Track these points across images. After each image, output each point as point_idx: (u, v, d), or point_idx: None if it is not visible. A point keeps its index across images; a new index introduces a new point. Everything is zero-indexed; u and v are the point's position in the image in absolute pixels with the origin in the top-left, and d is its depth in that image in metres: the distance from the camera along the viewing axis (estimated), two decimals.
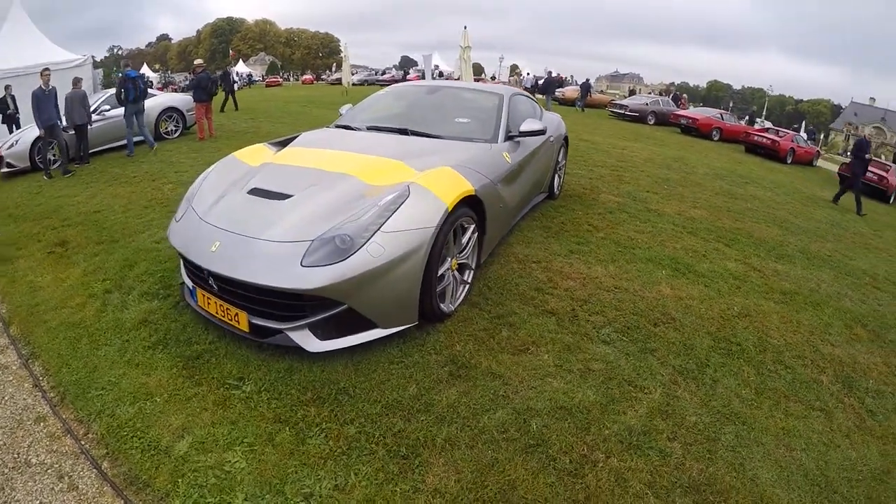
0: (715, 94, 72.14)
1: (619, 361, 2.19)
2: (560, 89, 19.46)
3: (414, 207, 1.94)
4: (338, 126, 3.29)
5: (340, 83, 24.97)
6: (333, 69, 43.72)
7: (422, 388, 1.82)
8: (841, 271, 4.11)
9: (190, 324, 2.27)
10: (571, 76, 27.26)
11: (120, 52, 64.63)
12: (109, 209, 4.13)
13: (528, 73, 24.60)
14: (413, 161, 2.34)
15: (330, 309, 1.82)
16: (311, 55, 61.63)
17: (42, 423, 1.74)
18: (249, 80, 31.82)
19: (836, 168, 12.91)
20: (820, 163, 15.71)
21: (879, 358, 2.66)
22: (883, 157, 20.39)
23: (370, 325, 1.90)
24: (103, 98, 7.01)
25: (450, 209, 2.00)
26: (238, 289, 1.89)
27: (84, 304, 2.51)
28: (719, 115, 15.26)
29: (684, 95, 25.26)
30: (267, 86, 31.19)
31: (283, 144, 2.97)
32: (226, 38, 61.10)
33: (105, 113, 6.72)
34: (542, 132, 3.03)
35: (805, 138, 16.34)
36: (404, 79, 30.83)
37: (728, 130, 14.70)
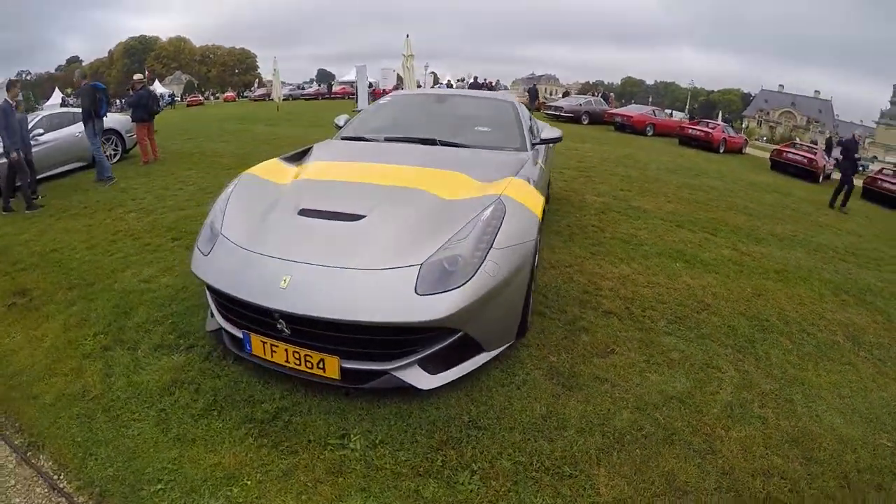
0: (630, 90, 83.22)
1: (689, 349, 2.69)
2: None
3: (514, 221, 2.09)
4: (346, 138, 3.41)
5: (264, 99, 28.91)
6: (256, 85, 47.71)
7: (547, 406, 2.03)
8: (809, 248, 5.25)
9: (242, 378, 2.16)
10: (497, 81, 29.85)
11: (29, 77, 65.95)
12: (68, 247, 3.83)
13: (448, 80, 26.72)
14: (471, 171, 2.53)
15: (445, 339, 1.86)
16: (227, 72, 65.78)
17: None
18: (171, 100, 32.67)
19: (767, 154, 15.86)
20: (748, 150, 19.06)
21: (868, 317, 3.56)
22: (797, 139, 25.27)
23: (477, 351, 1.99)
24: (35, 121, 6.71)
25: (540, 220, 2.33)
26: (324, 330, 1.80)
27: (80, 367, 2.29)
28: (652, 112, 17.92)
29: (611, 94, 29.04)
30: (188, 105, 32.25)
31: (297, 159, 3.06)
32: (139, 57, 63.88)
33: (39, 139, 6.47)
34: (559, 139, 3.54)
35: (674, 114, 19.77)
36: (329, 92, 32.72)
37: (660, 126, 17.33)
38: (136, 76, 8.15)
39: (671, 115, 23.83)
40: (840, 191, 9.04)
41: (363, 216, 2.10)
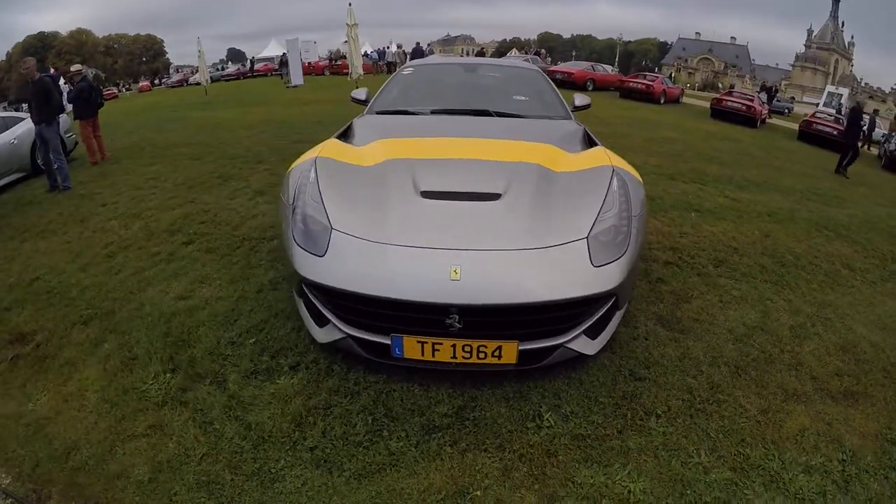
0: (547, 44, 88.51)
1: (742, 287, 3.51)
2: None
3: (633, 189, 2.53)
4: (384, 112, 3.60)
5: (181, 85, 31.93)
6: (172, 72, 54.39)
7: (676, 349, 2.60)
8: (781, 191, 6.58)
9: (390, 388, 2.21)
10: (429, 45, 30.74)
11: None
12: (54, 271, 3.51)
13: (388, 45, 27.47)
14: (554, 142, 2.92)
15: (605, 304, 2.15)
16: (135, 61, 70.77)
17: None
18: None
19: (699, 102, 18.26)
20: (685, 99, 21.71)
21: (850, 248, 4.76)
22: (720, 86, 29.11)
23: (615, 310, 2.27)
24: None
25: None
26: (501, 317, 1.97)
27: (161, 422, 2.05)
28: (591, 67, 19.92)
29: (542, 50, 31.16)
30: (105, 99, 29.04)
31: (350, 137, 3.22)
32: (40, 55, 66.37)
33: None
34: (589, 106, 4.11)
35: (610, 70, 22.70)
36: (251, 70, 34.82)
37: (600, 80, 19.30)
38: (74, 66, 8.11)
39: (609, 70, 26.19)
40: (846, 156, 10.17)
41: (499, 194, 2.31)
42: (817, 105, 35.79)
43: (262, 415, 2.07)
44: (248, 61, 40.17)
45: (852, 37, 73.38)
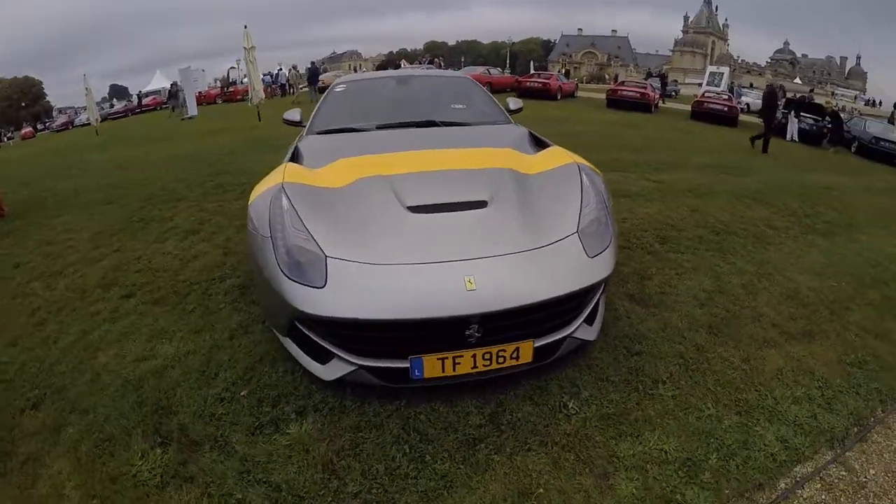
0: (434, 53, 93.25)
1: (690, 258, 4.00)
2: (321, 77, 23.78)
3: (598, 182, 2.83)
4: (328, 132, 3.59)
5: (67, 128, 31.25)
6: (56, 115, 52.80)
7: (657, 322, 2.96)
8: (694, 169, 7.48)
9: (413, 414, 2.21)
10: (322, 63, 31.47)
11: None
12: None
13: (279, 68, 27.32)
14: (510, 146, 3.17)
15: (598, 291, 2.40)
16: (13, 107, 67.48)
17: None
18: None
19: (593, 95, 20.02)
20: (579, 93, 23.67)
21: (769, 211, 5.57)
22: (607, 77, 32.03)
23: (598, 292, 2.51)
24: None
25: None
26: (516, 318, 2.08)
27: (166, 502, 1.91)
28: (487, 71, 21.36)
29: (437, 58, 33.75)
30: None
31: (299, 160, 3.19)
32: None
33: None
34: (521, 109, 4.49)
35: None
36: (140, 106, 34.34)
37: (497, 83, 20.67)
38: None
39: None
40: (762, 136, 11.52)
41: (485, 201, 2.46)
42: (700, 85, 40.58)
43: (287, 471, 1.96)
44: (136, 96, 39.26)
45: (726, 19, 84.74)
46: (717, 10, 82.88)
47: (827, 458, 2.06)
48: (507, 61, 48.05)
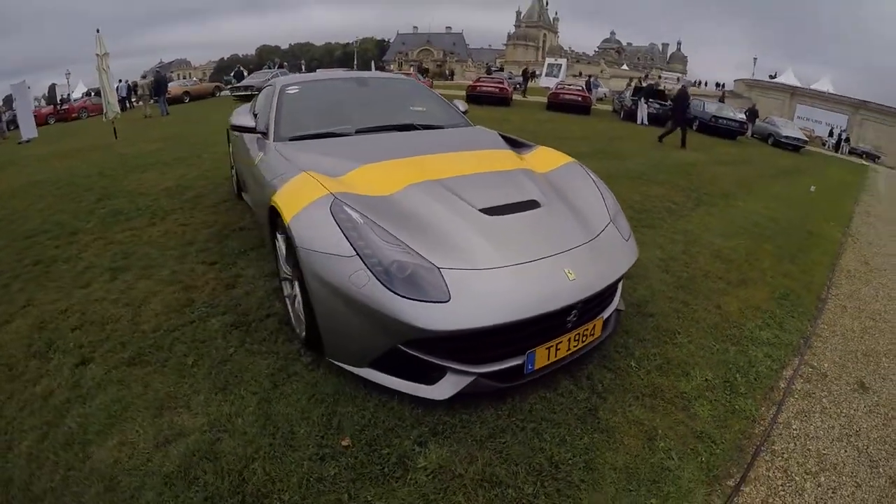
0: (266, 57, 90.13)
1: (643, 234, 4.98)
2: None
3: (598, 178, 3.34)
4: (302, 137, 3.41)
5: None
6: None
7: (652, 288, 3.82)
8: (581, 156, 8.70)
9: (534, 401, 2.35)
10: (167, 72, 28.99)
11: None
12: None
13: (119, 80, 24.48)
14: (502, 148, 3.54)
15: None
16: None
17: None
18: None
19: (452, 91, 21.38)
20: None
21: (662, 189, 6.84)
22: (447, 72, 33.96)
23: None
24: None
25: None
26: (600, 298, 2.43)
27: None
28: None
29: (285, 63, 33.31)
30: None
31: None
32: None
33: None
34: (467, 111, 5.07)
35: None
36: None
37: None
38: None
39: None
40: (671, 131, 13.10)
41: (536, 201, 2.71)
42: (539, 75, 44.85)
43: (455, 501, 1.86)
44: None
45: (556, 13, 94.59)
46: (547, 4, 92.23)
47: (796, 362, 2.99)
48: (355, 63, 48.52)
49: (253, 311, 3.09)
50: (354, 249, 2.16)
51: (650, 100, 19.18)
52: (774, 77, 52.20)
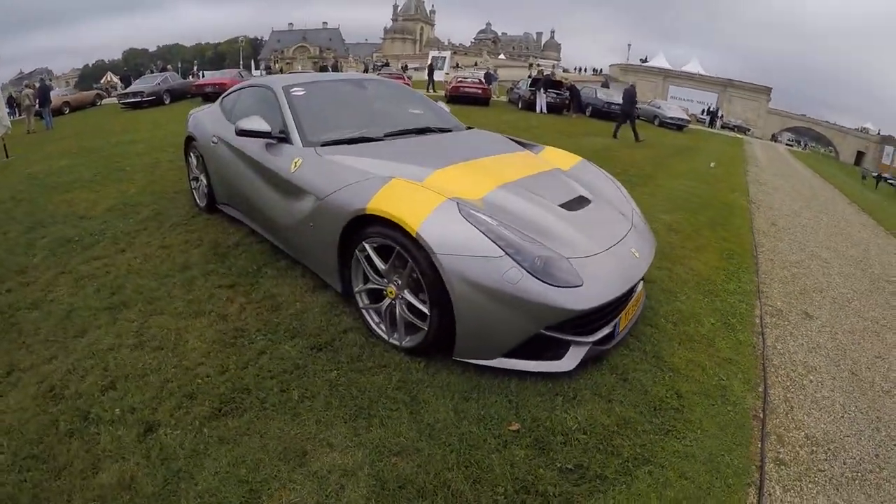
0: (134, 61, 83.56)
1: None
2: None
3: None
4: (342, 141, 3.45)
5: None
6: None
7: None
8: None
9: (614, 356, 2.80)
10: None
11: None
12: None
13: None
14: (518, 150, 3.89)
15: None
16: None
17: None
18: None
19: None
20: None
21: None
22: (329, 68, 34.14)
23: None
24: None
25: None
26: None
27: None
28: (239, 74, 21.44)
29: (168, 66, 32.34)
30: None
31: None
32: None
33: None
34: None
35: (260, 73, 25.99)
36: None
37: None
38: None
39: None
40: (621, 125, 14.69)
41: (587, 197, 3.22)
42: (425, 69, 45.65)
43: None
44: None
45: (433, 5, 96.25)
46: None
47: (759, 304, 4.00)
48: (241, 63, 46.59)
49: (324, 330, 2.96)
50: (502, 249, 2.34)
51: (548, 89, 20.72)
52: (646, 61, 57.70)
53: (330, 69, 32.36)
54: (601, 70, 59.67)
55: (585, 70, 66.51)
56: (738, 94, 51.43)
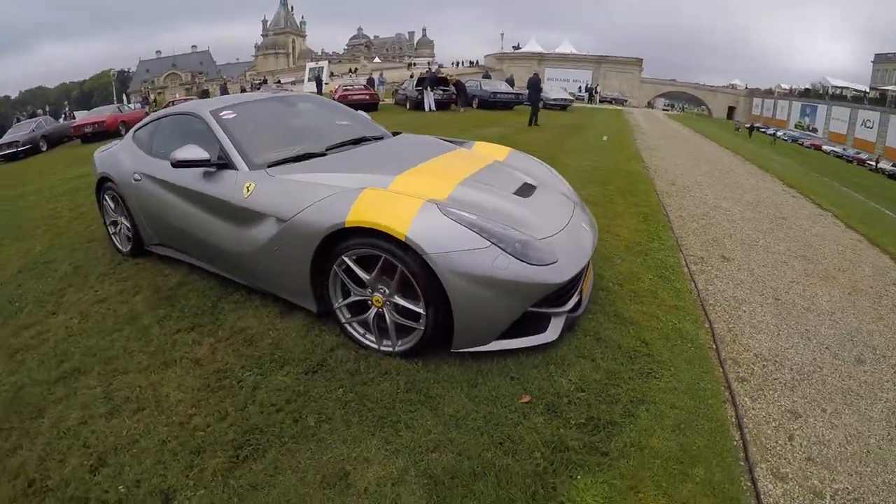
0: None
1: None
2: None
3: None
4: (282, 162, 3.41)
5: None
6: None
7: None
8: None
9: (586, 321, 3.09)
10: None
11: None
12: None
13: None
14: (458, 146, 4.10)
15: None
16: None
17: None
18: None
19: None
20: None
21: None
22: (208, 91, 32.92)
23: None
24: None
25: None
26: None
27: None
28: (118, 109, 19.87)
29: (38, 111, 30.53)
30: None
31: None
32: None
33: None
34: None
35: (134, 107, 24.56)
36: None
37: (130, 120, 19.79)
38: None
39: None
40: (535, 113, 15.67)
41: (533, 184, 3.41)
42: (303, 82, 45.05)
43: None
44: None
45: (303, 16, 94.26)
46: (293, 9, 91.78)
47: (682, 255, 4.52)
48: (115, 96, 43.43)
49: (311, 352, 2.89)
50: (486, 240, 2.51)
51: (435, 87, 21.14)
52: (518, 48, 60.45)
53: (220, 92, 30.88)
54: (478, 62, 61.73)
55: (463, 63, 68.53)
56: (612, 68, 55.39)
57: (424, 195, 2.76)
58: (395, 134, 4.51)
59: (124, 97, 41.93)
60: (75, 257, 4.95)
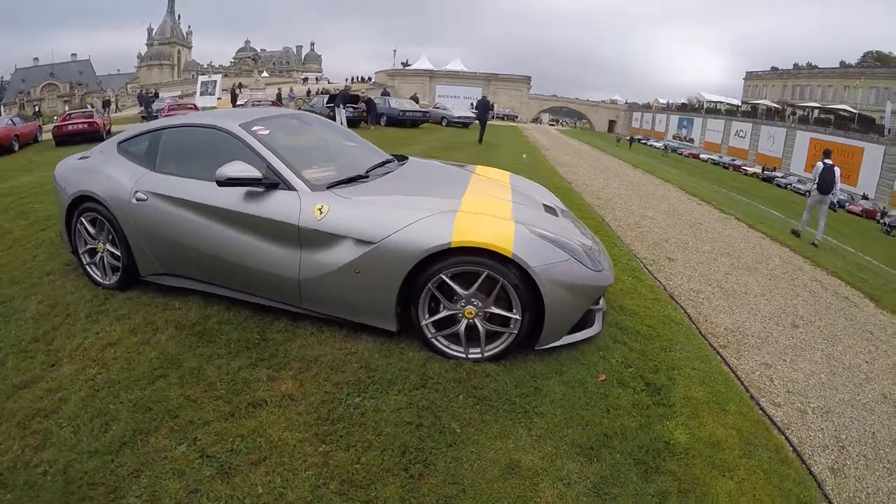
0: None
1: None
2: None
3: None
4: (338, 183, 3.41)
5: None
6: None
7: None
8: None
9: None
10: None
11: None
12: None
13: None
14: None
15: None
16: None
17: None
18: None
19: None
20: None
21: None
22: (90, 106, 29.78)
23: None
24: None
25: None
26: None
27: None
28: (11, 122, 18.79)
29: None
30: None
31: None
32: None
33: None
34: None
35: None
36: None
37: (24, 134, 18.62)
38: None
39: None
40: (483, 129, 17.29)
41: (551, 205, 3.88)
42: (193, 95, 42.39)
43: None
44: None
45: (189, 26, 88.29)
46: (179, 18, 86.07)
47: (637, 258, 5.65)
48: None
49: (407, 370, 2.93)
50: (567, 252, 2.99)
51: (346, 104, 21.32)
52: (408, 64, 61.64)
53: (101, 106, 28.33)
54: (370, 78, 62.01)
55: (356, 79, 68.48)
56: (502, 85, 58.56)
57: (502, 217, 3.12)
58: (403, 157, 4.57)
59: (1, 109, 36.80)
60: (41, 294, 3.99)
